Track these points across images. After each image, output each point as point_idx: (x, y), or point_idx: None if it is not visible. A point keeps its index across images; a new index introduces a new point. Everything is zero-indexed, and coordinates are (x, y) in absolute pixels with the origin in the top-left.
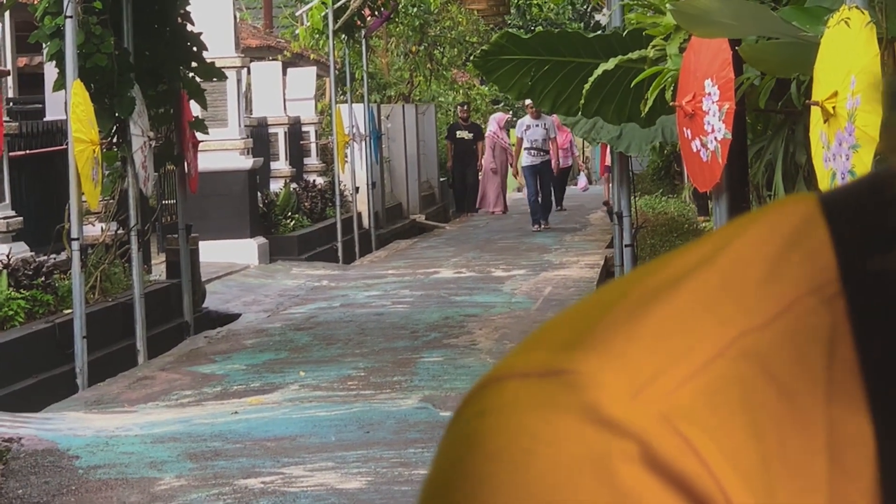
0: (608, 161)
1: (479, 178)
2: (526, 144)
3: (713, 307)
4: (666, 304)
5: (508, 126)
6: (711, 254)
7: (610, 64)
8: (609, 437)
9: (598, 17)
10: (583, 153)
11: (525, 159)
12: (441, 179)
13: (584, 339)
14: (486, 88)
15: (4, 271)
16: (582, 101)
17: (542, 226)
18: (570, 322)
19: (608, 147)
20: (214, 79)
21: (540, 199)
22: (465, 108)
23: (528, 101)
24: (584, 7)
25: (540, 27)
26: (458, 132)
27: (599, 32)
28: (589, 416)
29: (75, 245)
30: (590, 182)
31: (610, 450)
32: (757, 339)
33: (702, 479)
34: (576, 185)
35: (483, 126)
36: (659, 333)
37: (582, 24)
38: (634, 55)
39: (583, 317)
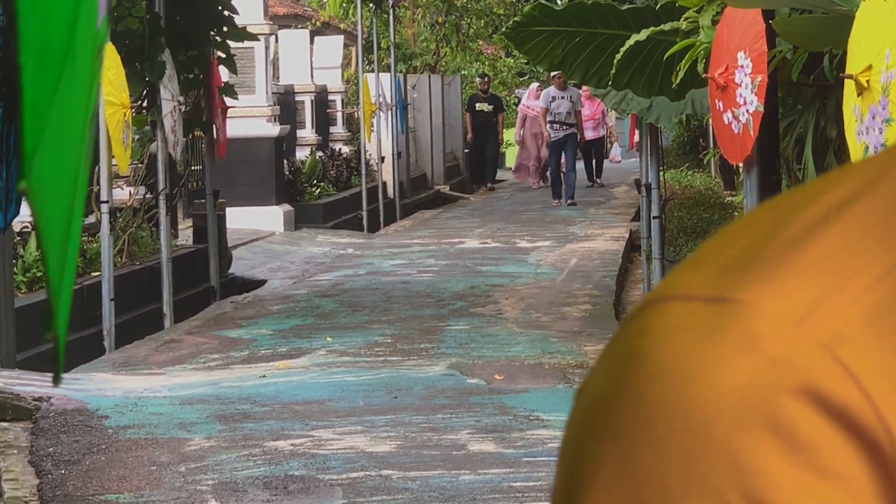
0: (637, 137)
1: (500, 150)
2: (549, 117)
3: (876, 233)
4: (829, 232)
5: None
6: (873, 180)
7: (642, 35)
8: (768, 367)
9: None
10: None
11: (549, 132)
12: (465, 151)
13: (748, 265)
14: (512, 60)
15: (33, 233)
16: (613, 72)
17: (569, 202)
18: (733, 244)
19: (635, 123)
20: (245, 41)
21: (563, 173)
22: (486, 79)
23: (553, 73)
24: None
25: None
26: (477, 104)
27: (632, 5)
28: (749, 346)
29: (104, 208)
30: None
31: (770, 381)
32: None
33: (863, 411)
34: (607, 157)
35: (505, 98)
36: (822, 262)
37: None
38: (667, 27)
39: (746, 239)
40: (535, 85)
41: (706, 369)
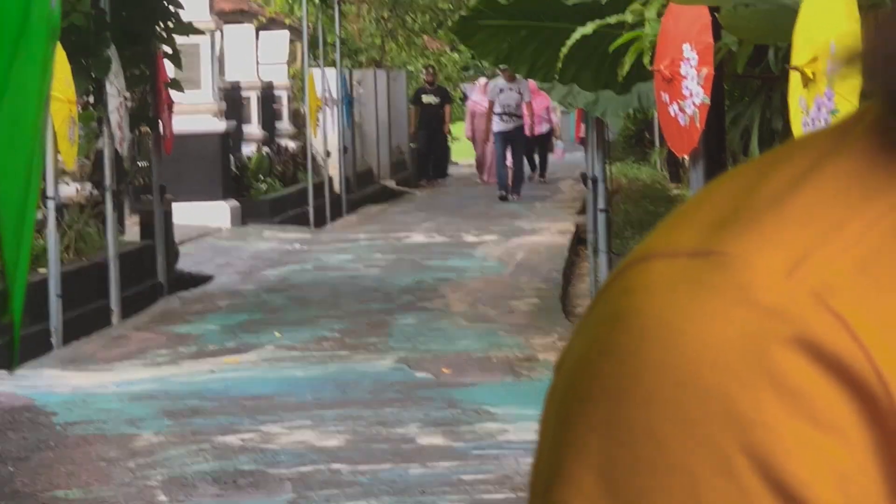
0: (583, 132)
1: (449, 144)
2: (497, 109)
3: (856, 187)
4: (810, 187)
5: None
6: (845, 139)
7: (588, 28)
8: (761, 318)
9: None
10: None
11: (496, 125)
12: (412, 145)
13: (731, 221)
14: (457, 55)
15: None
16: (559, 65)
17: (514, 196)
18: (711, 203)
19: (582, 116)
20: (191, 35)
21: (511, 167)
22: (431, 71)
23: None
24: None
25: None
26: (423, 96)
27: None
28: (741, 298)
29: (50, 204)
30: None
31: (762, 331)
32: None
33: (854, 358)
34: (552, 152)
35: (452, 91)
36: (807, 213)
37: None
38: (612, 20)
39: (724, 199)
40: (482, 80)
41: (697, 322)
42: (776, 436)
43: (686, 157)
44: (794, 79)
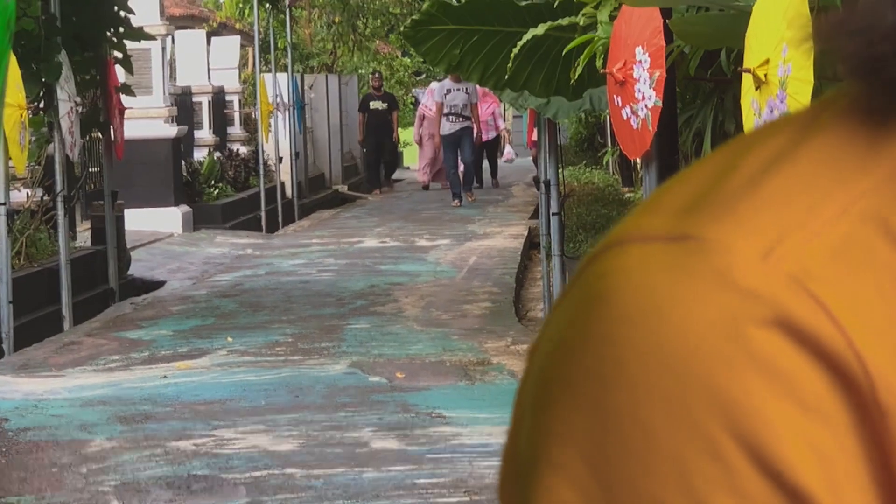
0: (535, 136)
1: (398, 150)
2: (445, 110)
3: (828, 172)
4: (782, 172)
5: None
6: (813, 125)
7: (539, 30)
8: (741, 301)
9: None
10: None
11: (444, 127)
12: (363, 150)
13: (705, 205)
14: (409, 60)
15: None
16: (509, 66)
17: (468, 198)
18: (684, 189)
19: (535, 119)
20: (141, 41)
21: (461, 169)
22: (378, 76)
23: None
24: None
25: None
26: (371, 103)
27: (530, 1)
28: (719, 281)
29: (1, 210)
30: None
31: (742, 314)
32: (878, 198)
33: (834, 340)
34: (504, 156)
35: (402, 98)
36: (781, 196)
37: None
38: (564, 21)
39: (696, 184)
40: (434, 85)
41: (678, 306)
42: (761, 417)
43: (639, 160)
44: (747, 81)
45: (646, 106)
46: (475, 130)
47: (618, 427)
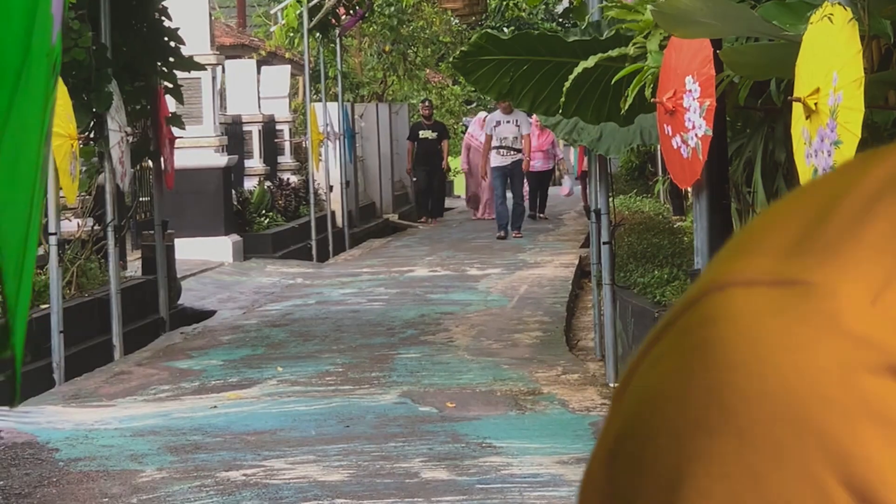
0: (585, 166)
1: (448, 179)
2: (495, 143)
3: None
4: (887, 208)
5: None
6: None
7: (590, 62)
8: (853, 347)
9: (558, 7)
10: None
11: (494, 159)
12: (414, 179)
13: (809, 248)
14: (459, 88)
15: None
16: (562, 100)
17: (515, 233)
18: (782, 228)
19: (584, 150)
20: (192, 70)
21: (511, 204)
22: (428, 105)
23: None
24: (555, 5)
25: (512, 28)
26: (420, 132)
27: (577, 33)
28: (830, 326)
29: (52, 240)
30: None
31: (854, 360)
32: None
33: None
34: (561, 189)
35: (452, 127)
36: (885, 239)
37: (554, 24)
38: (614, 53)
39: (796, 223)
40: (482, 114)
41: (788, 352)
42: (873, 465)
43: (689, 188)
44: (797, 110)
45: (696, 135)
46: (525, 163)
47: (727, 475)
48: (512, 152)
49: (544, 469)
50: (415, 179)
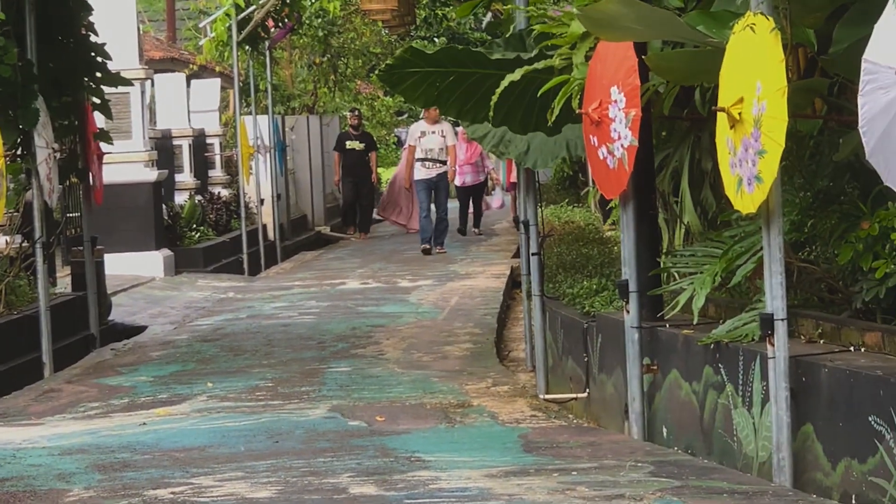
0: (514, 177)
1: (378, 192)
2: (419, 154)
3: None
4: None
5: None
6: None
7: (516, 75)
8: None
9: (484, 20)
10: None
11: (418, 172)
12: (337, 194)
13: None
14: (391, 100)
15: None
16: (491, 113)
17: (437, 249)
18: None
19: (513, 162)
20: (120, 86)
21: (434, 217)
22: (356, 114)
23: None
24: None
25: (443, 38)
26: (347, 142)
27: (501, 44)
28: None
29: None
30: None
31: None
32: None
33: None
34: (493, 201)
35: (384, 137)
36: None
37: (484, 33)
38: (540, 65)
39: None
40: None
41: None
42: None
43: (616, 199)
44: (721, 120)
45: (622, 145)
46: (450, 174)
47: None
48: (437, 164)
49: (472, 483)
50: (338, 194)
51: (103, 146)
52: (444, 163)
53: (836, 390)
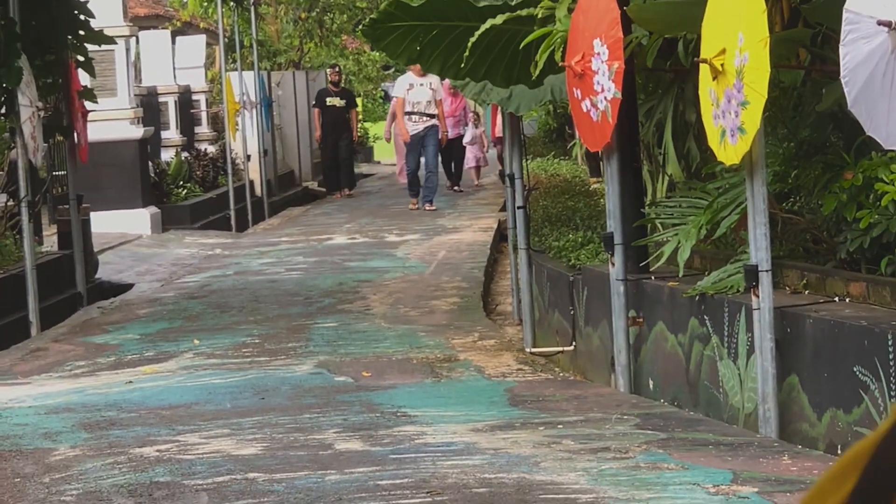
0: (499, 131)
1: (356, 148)
2: (407, 108)
3: None
4: None
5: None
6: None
7: (498, 19)
8: None
9: None
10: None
11: (406, 125)
12: (318, 149)
13: None
14: (377, 54)
15: None
16: (466, 55)
17: (426, 206)
18: None
19: (498, 113)
20: (103, 44)
21: (425, 171)
22: (337, 70)
23: None
24: None
25: None
26: (328, 99)
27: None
28: None
29: None
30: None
31: None
32: None
33: None
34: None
35: (371, 92)
36: None
37: None
38: (523, 13)
39: None
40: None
41: None
42: None
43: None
44: (704, 71)
45: (605, 98)
46: (441, 131)
47: None
48: (425, 118)
49: (458, 437)
50: (321, 150)
51: (88, 104)
52: (433, 116)
53: (821, 341)
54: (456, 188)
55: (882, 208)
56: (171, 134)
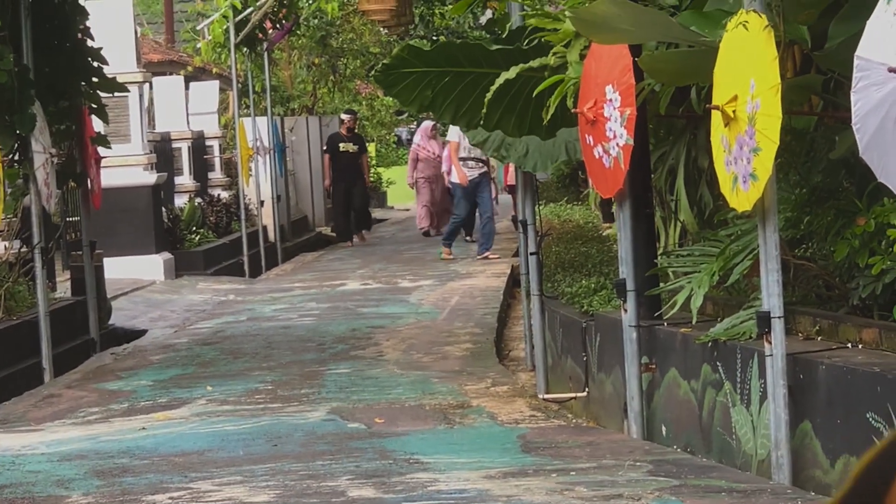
0: (511, 179)
1: (370, 195)
2: (462, 153)
3: None
4: None
5: (438, 134)
6: None
7: (511, 73)
8: None
9: (482, 18)
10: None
11: (457, 173)
12: (332, 197)
13: None
14: (390, 100)
15: None
16: (484, 111)
17: (489, 255)
18: None
19: (512, 165)
20: (116, 92)
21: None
22: (352, 117)
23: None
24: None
25: (442, 36)
26: (341, 144)
27: (497, 41)
28: None
29: None
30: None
31: None
32: None
33: None
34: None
35: (384, 137)
36: None
37: (483, 32)
38: (535, 63)
39: None
40: (427, 123)
41: None
42: None
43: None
44: (716, 118)
45: (617, 144)
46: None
47: None
48: (479, 164)
49: (471, 484)
50: (333, 197)
51: (101, 150)
52: (485, 162)
53: (834, 387)
54: (468, 238)
55: (894, 254)
56: (185, 180)
